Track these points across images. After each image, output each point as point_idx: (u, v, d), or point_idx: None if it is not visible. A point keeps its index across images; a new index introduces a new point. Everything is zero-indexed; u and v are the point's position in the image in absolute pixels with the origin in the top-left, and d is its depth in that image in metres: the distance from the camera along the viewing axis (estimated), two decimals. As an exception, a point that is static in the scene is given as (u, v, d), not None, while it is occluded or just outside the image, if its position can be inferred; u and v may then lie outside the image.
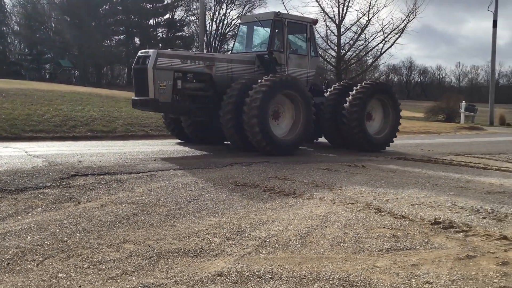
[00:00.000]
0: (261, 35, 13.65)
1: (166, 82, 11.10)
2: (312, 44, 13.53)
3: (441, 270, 4.17)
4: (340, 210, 6.17)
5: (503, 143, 18.28)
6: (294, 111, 12.01)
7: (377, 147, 13.34)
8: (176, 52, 11.92)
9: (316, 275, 4.02)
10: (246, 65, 12.68)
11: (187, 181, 7.71)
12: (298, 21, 13.35)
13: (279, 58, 12.67)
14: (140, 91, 11.37)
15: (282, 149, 11.39)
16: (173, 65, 11.34)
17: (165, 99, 11.13)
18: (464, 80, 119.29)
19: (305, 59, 13.35)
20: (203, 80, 11.98)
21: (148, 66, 10.93)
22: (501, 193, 7.57)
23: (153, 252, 4.46)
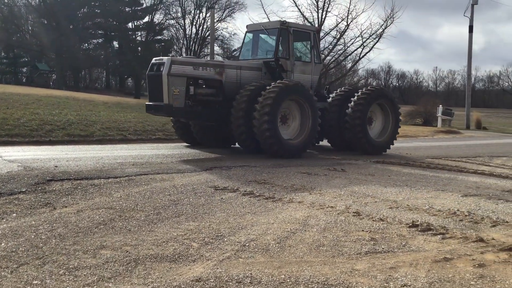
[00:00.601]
0: (267, 43, 14.25)
1: (179, 88, 11.59)
2: (315, 51, 14.10)
3: (419, 272, 4.20)
4: (319, 214, 6.18)
5: (479, 146, 18.57)
6: (301, 115, 12.52)
7: (378, 150, 13.81)
8: (189, 59, 12.56)
9: (295, 279, 4.01)
10: (253, 71, 13.18)
11: (166, 185, 7.65)
12: (302, 30, 14.06)
13: (285, 65, 13.20)
14: (154, 97, 11.81)
15: (290, 151, 11.92)
16: (186, 71, 11.84)
17: (179, 105, 11.61)
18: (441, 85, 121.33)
19: (309, 66, 13.95)
20: (214, 86, 12.47)
21: (163, 73, 11.39)
22: (478, 196, 7.68)
23: (131, 258, 4.40)
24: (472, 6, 33.10)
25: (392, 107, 14.31)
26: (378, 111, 14.26)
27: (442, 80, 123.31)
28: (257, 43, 14.34)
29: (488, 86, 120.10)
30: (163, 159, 10.64)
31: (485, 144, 20.51)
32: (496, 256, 4.68)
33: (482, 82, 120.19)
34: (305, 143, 12.42)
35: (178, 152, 12.22)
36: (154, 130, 16.65)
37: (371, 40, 32.61)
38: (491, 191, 8.15)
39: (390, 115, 14.33)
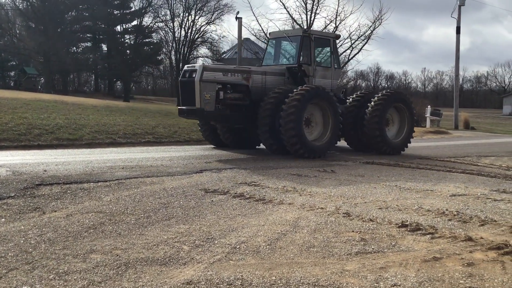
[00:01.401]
0: (288, 49, 15.02)
1: (210, 93, 12.24)
2: (335, 57, 14.81)
3: (409, 272, 4.23)
4: (309, 215, 6.20)
5: (467, 146, 18.73)
6: (323, 118, 13.19)
7: (395, 150, 14.41)
8: (218, 66, 13.41)
9: (286, 280, 4.02)
10: (277, 76, 13.85)
11: (156, 188, 7.63)
12: (323, 37, 14.75)
13: (307, 70, 13.82)
14: (186, 102, 12.48)
15: (315, 152, 12.54)
16: (216, 77, 12.51)
17: (210, 108, 12.26)
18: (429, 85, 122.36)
19: (330, 71, 14.60)
20: (241, 91, 13.14)
21: (196, 79, 12.03)
22: (466, 195, 7.75)
23: (121, 261, 4.38)
24: (460, 7, 33.36)
25: (408, 110, 14.96)
26: (394, 113, 14.85)
27: (430, 81, 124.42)
28: (279, 50, 15.14)
29: (476, 86, 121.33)
30: (153, 162, 10.60)
31: (473, 144, 20.69)
32: (484, 255, 4.72)
33: (470, 83, 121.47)
34: (328, 144, 13.09)
35: (168, 155, 12.19)
36: (143, 133, 16.59)
37: (359, 42, 32.88)
38: (479, 191, 8.22)
39: (406, 117, 14.98)
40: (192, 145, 16.08)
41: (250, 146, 14.52)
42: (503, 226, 5.83)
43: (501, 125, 46.14)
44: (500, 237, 5.33)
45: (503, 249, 4.88)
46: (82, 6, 63.80)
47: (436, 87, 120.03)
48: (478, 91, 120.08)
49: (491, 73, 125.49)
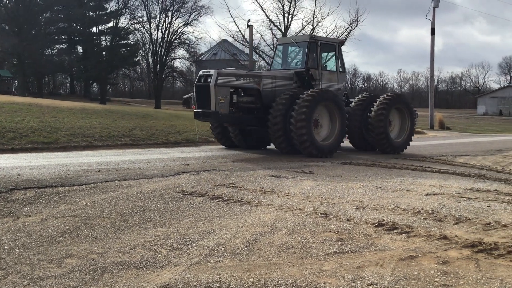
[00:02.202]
0: (295, 54, 15.80)
1: (224, 97, 12.99)
2: (340, 61, 15.47)
3: (385, 271, 4.28)
4: (287, 216, 6.22)
5: (443, 146, 19.04)
6: (330, 119, 13.93)
7: (397, 150, 15.12)
8: (232, 71, 14.00)
9: (264, 282, 4.02)
10: (286, 80, 14.59)
11: (133, 191, 7.55)
12: (329, 42, 15.49)
13: (314, 74, 14.59)
14: (202, 105, 13.19)
15: (323, 152, 13.21)
16: (230, 82, 13.28)
17: (224, 111, 13.00)
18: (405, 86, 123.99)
19: (335, 75, 15.32)
20: (253, 94, 13.90)
21: (211, 84, 12.76)
22: (441, 195, 7.87)
23: (97, 266, 4.33)
24: (434, 9, 33.89)
25: (408, 111, 15.76)
26: (396, 115, 15.56)
27: (406, 81, 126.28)
28: (287, 55, 15.90)
29: (450, 87, 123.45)
30: (130, 165, 10.50)
31: (448, 143, 21.04)
32: (459, 253, 4.80)
33: (445, 83, 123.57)
34: (335, 144, 13.74)
35: (145, 158, 12.10)
36: (120, 136, 16.42)
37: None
38: (454, 190, 8.36)
39: (407, 118, 15.75)
40: (170, 147, 15.99)
41: (260, 146, 15.32)
42: (477, 224, 5.93)
43: (476, 125, 47.02)
44: (474, 235, 5.43)
45: (477, 247, 4.97)
46: (57, 8, 62.86)
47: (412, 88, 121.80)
48: (453, 92, 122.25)
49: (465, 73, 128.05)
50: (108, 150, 14.33)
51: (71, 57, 64.56)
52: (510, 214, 6.54)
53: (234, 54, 42.89)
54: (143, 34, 62.49)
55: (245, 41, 35.08)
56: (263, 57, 37.16)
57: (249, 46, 18.22)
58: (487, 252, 4.82)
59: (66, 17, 63.31)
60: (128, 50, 64.50)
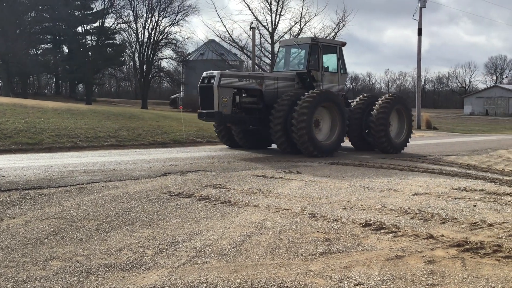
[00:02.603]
0: (297, 56, 15.94)
1: (227, 98, 13.31)
2: (341, 63, 15.73)
3: (372, 271, 4.28)
4: (275, 217, 6.20)
5: (429, 146, 19.16)
6: (331, 120, 14.25)
7: (397, 150, 15.51)
8: (235, 73, 14.34)
9: (251, 282, 4.00)
10: (288, 81, 14.89)
11: (119, 193, 7.48)
12: (330, 44, 15.78)
13: (316, 75, 14.89)
14: (205, 105, 13.45)
15: (323, 151, 13.52)
16: (232, 83, 13.54)
17: (227, 112, 13.31)
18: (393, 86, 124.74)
19: (336, 76, 15.63)
20: (255, 95, 14.24)
21: (214, 85, 13.07)
22: (428, 194, 7.91)
23: (82, 268, 4.27)
24: (421, 10, 34.09)
25: (406, 112, 16.17)
26: (395, 116, 15.88)
27: (393, 81, 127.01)
28: (289, 56, 16.17)
29: (437, 87, 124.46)
30: (116, 166, 10.41)
31: (435, 143, 21.19)
32: (445, 252, 4.82)
33: (432, 83, 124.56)
34: (336, 144, 14.06)
35: (131, 159, 12.01)
36: (106, 137, 16.29)
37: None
38: (440, 189, 8.41)
39: (405, 119, 16.15)
40: (157, 148, 15.89)
41: (262, 146, 15.61)
42: (463, 224, 5.97)
43: (462, 125, 47.46)
44: (461, 234, 5.46)
45: (463, 246, 5.00)
46: (42, 7, 62.07)
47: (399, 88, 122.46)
48: (440, 92, 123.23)
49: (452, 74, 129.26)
50: (93, 151, 14.21)
51: (56, 57, 63.90)
52: (496, 214, 6.59)
53: (222, 54, 42.79)
54: (130, 34, 62.01)
55: (232, 41, 35.06)
56: (251, 57, 37.09)
57: (252, 48, 18.33)
58: (473, 251, 4.85)
59: (51, 17, 62.61)
60: (114, 50, 64.00)
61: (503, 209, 6.86)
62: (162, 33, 58.70)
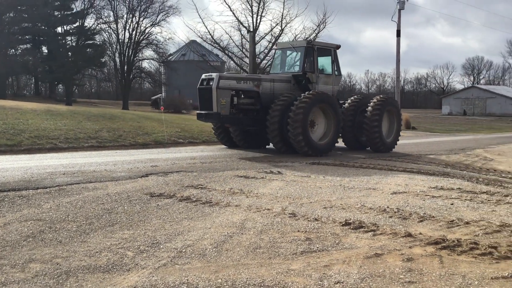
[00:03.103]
0: (292, 58, 16.53)
1: (226, 99, 13.73)
2: (336, 65, 16.17)
3: (351, 269, 4.33)
4: (256, 217, 6.23)
5: (408, 146, 19.38)
6: (326, 120, 14.70)
7: (388, 148, 16.13)
8: (232, 75, 15.11)
9: (232, 282, 4.02)
10: (284, 83, 15.30)
11: (99, 194, 7.44)
12: (325, 47, 16.11)
13: (311, 77, 15.34)
14: (204, 107, 13.89)
15: (318, 151, 13.94)
16: (230, 85, 14.01)
17: (225, 113, 13.73)
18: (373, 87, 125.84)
19: (331, 78, 16.10)
20: (252, 97, 14.67)
21: (213, 87, 13.46)
22: (406, 193, 8.02)
23: (62, 270, 4.25)
24: (399, 11, 34.43)
25: (397, 113, 16.81)
26: (386, 116, 16.30)
27: (373, 82, 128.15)
28: (285, 59, 16.62)
29: (416, 87, 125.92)
30: (96, 167, 10.33)
31: (414, 143, 21.46)
32: (423, 250, 4.91)
33: (411, 84, 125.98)
34: (330, 144, 14.55)
35: (112, 160, 11.92)
36: (86, 138, 16.14)
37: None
38: (418, 188, 8.54)
39: (395, 119, 16.71)
40: (138, 149, 15.80)
41: (260, 146, 16.02)
42: (441, 222, 6.08)
43: (440, 125, 48.11)
44: (438, 232, 5.56)
45: (440, 243, 5.09)
46: (21, 7, 61.19)
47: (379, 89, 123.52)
48: (418, 92, 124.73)
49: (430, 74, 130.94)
50: (73, 153, 14.06)
51: (35, 57, 63.09)
52: (473, 212, 6.72)
53: (203, 55, 42.68)
54: (110, 34, 61.45)
55: (214, 41, 34.97)
56: (232, 58, 37.12)
57: (250, 52, 18.83)
58: (450, 249, 4.94)
59: (30, 17, 61.80)
60: (95, 51, 63.32)
61: (480, 207, 7.00)
62: (143, 33, 58.36)
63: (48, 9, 60.53)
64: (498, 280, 4.13)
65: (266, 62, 36.78)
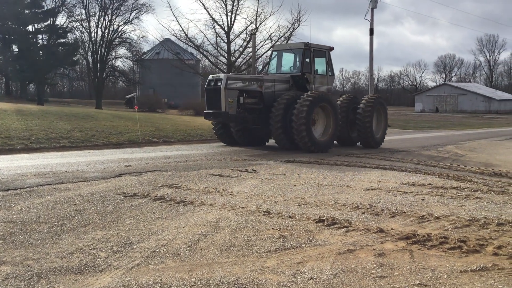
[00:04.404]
0: (289, 60, 17.17)
1: (233, 99, 14.50)
2: (329, 66, 17.00)
3: (324, 265, 4.39)
4: (230, 215, 6.24)
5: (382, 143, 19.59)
6: (325, 119, 15.46)
7: (378, 144, 17.12)
8: (239, 76, 16.17)
9: (206, 281, 4.03)
10: (283, 83, 16.12)
11: (71, 195, 7.34)
12: (320, 49, 16.68)
13: (309, 78, 16.10)
14: (212, 106, 14.68)
15: (320, 147, 14.67)
16: (237, 85, 14.77)
17: (233, 112, 14.49)
18: (347, 85, 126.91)
19: (325, 78, 16.94)
20: (256, 96, 15.36)
21: (221, 87, 14.27)
22: (379, 189, 8.15)
23: (33, 272, 4.19)
24: (372, 10, 34.80)
25: (384, 111, 17.79)
26: (375, 114, 17.10)
27: (348, 80, 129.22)
28: (281, 60, 17.25)
29: (390, 85, 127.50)
30: (68, 168, 10.19)
31: (387, 140, 21.63)
32: (394, 245, 5.00)
33: (384, 82, 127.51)
34: (330, 141, 15.37)
35: (84, 160, 11.77)
36: (58, 138, 15.88)
37: (280, 43, 33.38)
38: (391, 184, 8.67)
39: (382, 117, 17.67)
40: (112, 149, 15.62)
41: (259, 143, 16.70)
42: (412, 217, 6.19)
43: (413, 122, 48.86)
44: (409, 228, 5.66)
45: (411, 238, 5.19)
46: (-11, 5, 59.82)
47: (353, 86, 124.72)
48: (392, 90, 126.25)
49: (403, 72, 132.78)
50: (45, 153, 13.82)
51: (6, 56, 61.65)
52: (443, 207, 6.86)
53: (178, 53, 42.43)
54: (82, 33, 60.45)
55: (188, 40, 34.82)
56: (207, 57, 36.99)
57: (252, 53, 19.24)
58: (421, 244, 5.04)
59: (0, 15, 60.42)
60: (67, 49, 62.19)
61: (450, 203, 7.15)
62: (116, 32, 57.53)
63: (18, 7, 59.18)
64: (467, 273, 4.24)
65: (241, 60, 36.84)
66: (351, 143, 17.38)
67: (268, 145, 16.72)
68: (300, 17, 33.89)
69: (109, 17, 56.55)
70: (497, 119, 59.38)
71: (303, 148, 14.47)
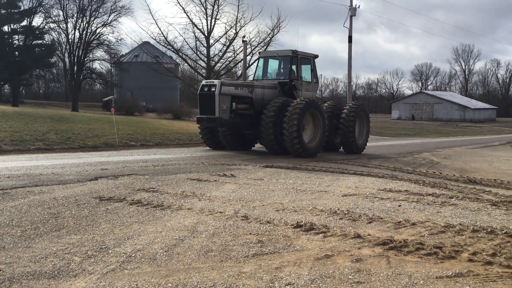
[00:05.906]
0: (274, 67, 17.58)
1: (226, 104, 14.72)
2: (314, 73, 17.50)
3: (302, 271, 4.38)
4: (208, 220, 6.19)
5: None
6: (313, 125, 15.76)
7: (360, 150, 17.62)
8: (232, 82, 16.51)
9: (183, 286, 3.98)
10: (272, 90, 16.41)
11: (45, 198, 7.19)
12: (306, 56, 17.10)
13: (297, 84, 16.50)
14: (205, 111, 14.80)
15: (309, 152, 14.96)
16: (230, 91, 14.99)
17: (226, 117, 14.71)
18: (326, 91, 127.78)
19: (311, 85, 17.34)
20: (247, 102, 15.62)
21: (216, 93, 14.45)
22: (356, 195, 8.19)
23: (5, 276, 4.08)
24: (351, 18, 35.15)
25: (367, 118, 18.25)
26: (357, 121, 17.51)
27: (327, 87, 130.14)
28: (267, 67, 17.55)
29: (367, 92, 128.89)
30: (42, 170, 10.00)
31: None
32: (372, 251, 5.02)
33: (362, 89, 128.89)
34: (319, 146, 15.67)
35: (59, 163, 11.57)
36: (33, 140, 15.59)
37: (259, 48, 33.47)
38: (368, 190, 8.74)
39: (365, 123, 18.12)
40: (88, 151, 15.41)
41: (245, 147, 16.86)
42: (389, 223, 6.24)
43: (390, 129, 49.46)
44: (386, 233, 5.70)
45: (388, 244, 5.22)
46: (-37, 4, 58.59)
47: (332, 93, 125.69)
48: (369, 97, 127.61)
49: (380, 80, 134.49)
50: (19, 155, 13.55)
51: (-21, 56, 60.40)
52: (419, 213, 6.93)
53: (157, 57, 42.15)
54: (60, 34, 59.66)
55: (168, 43, 34.64)
56: (187, 60, 36.85)
57: (243, 60, 19.41)
58: (397, 249, 5.08)
59: (-27, 14, 59.17)
60: (43, 51, 61.25)
61: (426, 209, 7.23)
62: (94, 33, 56.93)
63: (-7, 7, 58.14)
64: (443, 279, 4.27)
65: (220, 65, 36.79)
66: (334, 148, 17.68)
67: (254, 150, 16.87)
68: (280, 23, 34.03)
69: (87, 19, 55.95)
70: (471, 128, 60.56)
71: (293, 153, 14.68)
